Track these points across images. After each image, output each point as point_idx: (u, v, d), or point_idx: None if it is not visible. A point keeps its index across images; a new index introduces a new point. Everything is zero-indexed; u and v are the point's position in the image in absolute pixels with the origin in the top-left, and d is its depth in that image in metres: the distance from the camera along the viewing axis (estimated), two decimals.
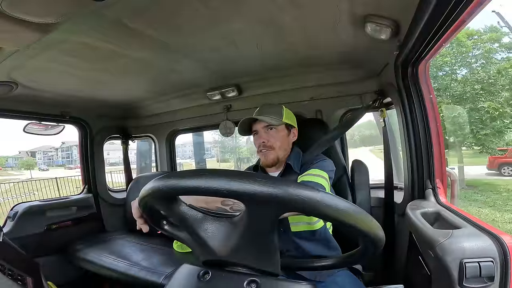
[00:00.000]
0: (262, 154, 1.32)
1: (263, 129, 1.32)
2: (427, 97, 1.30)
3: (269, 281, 0.57)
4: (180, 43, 1.37)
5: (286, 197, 0.46)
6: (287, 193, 0.46)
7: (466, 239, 0.81)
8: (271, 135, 1.31)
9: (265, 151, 1.30)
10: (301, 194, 0.46)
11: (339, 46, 1.47)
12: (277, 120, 1.31)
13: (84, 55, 1.38)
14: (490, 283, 0.76)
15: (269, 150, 1.30)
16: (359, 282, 1.15)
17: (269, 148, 1.30)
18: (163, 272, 1.61)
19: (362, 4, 1.06)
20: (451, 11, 0.82)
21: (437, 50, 1.12)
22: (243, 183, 0.47)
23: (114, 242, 2.19)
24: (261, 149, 1.31)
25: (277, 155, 1.31)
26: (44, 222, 2.12)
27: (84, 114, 2.45)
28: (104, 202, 2.58)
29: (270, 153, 1.30)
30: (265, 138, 1.30)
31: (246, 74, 1.90)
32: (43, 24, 1.02)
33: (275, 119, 1.30)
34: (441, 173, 1.30)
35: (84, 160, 2.55)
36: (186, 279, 0.63)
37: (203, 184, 0.48)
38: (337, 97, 1.94)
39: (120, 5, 1.00)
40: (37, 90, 1.83)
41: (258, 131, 1.33)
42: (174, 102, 2.43)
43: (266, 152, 1.30)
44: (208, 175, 0.49)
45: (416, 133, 1.32)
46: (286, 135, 1.35)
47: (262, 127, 1.32)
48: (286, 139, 1.35)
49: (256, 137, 1.35)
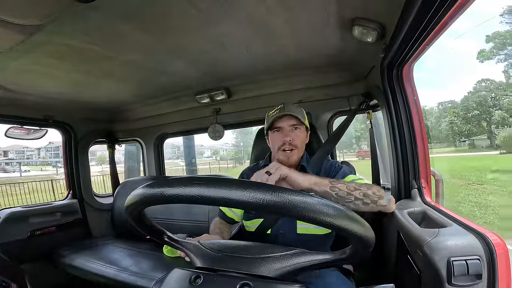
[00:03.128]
0: (284, 154, 1.25)
1: (290, 127, 1.25)
2: (412, 99, 1.33)
3: (261, 284, 0.57)
4: (169, 45, 1.36)
5: (280, 203, 0.46)
6: (280, 199, 0.46)
7: (452, 238, 0.83)
8: (296, 134, 1.25)
9: (289, 150, 1.24)
10: (288, 198, 0.46)
11: (328, 49, 1.49)
12: (304, 120, 1.27)
13: (68, 57, 1.36)
14: (478, 281, 0.77)
15: (293, 149, 1.24)
16: (349, 282, 1.16)
17: (294, 147, 1.24)
18: (153, 277, 1.58)
19: (350, 7, 1.08)
20: (434, 14, 0.84)
21: (421, 53, 1.15)
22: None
23: (102, 247, 2.14)
24: (285, 147, 1.24)
25: (299, 155, 1.28)
26: (27, 228, 2.07)
27: (68, 117, 2.39)
28: (90, 207, 2.53)
29: (295, 153, 1.25)
30: (291, 136, 1.24)
31: (235, 76, 1.90)
32: (26, 25, 1.00)
33: (302, 118, 1.25)
34: (426, 173, 1.33)
35: (68, 165, 2.49)
36: (178, 284, 0.62)
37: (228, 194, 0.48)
38: (325, 100, 1.96)
39: (107, 7, 0.98)
40: (20, 93, 1.78)
41: (283, 128, 1.25)
42: (162, 106, 2.40)
43: (291, 152, 1.24)
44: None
45: (401, 134, 1.35)
46: (305, 137, 1.32)
47: (289, 125, 1.25)
48: (304, 142, 1.31)
49: (279, 134, 1.26)
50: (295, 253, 0.69)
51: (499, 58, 16.24)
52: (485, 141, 17.34)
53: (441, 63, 56.31)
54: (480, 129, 17.43)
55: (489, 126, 16.97)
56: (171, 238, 0.76)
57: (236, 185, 0.47)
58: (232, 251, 0.72)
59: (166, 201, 0.51)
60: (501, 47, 15.98)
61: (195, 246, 0.74)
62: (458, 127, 18.35)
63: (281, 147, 1.25)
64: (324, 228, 1.09)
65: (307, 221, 0.49)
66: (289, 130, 1.26)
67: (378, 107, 1.66)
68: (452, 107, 19.62)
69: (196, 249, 0.74)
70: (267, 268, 0.64)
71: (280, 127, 1.26)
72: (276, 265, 0.65)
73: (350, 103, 1.88)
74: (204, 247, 0.73)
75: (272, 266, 0.65)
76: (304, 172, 1.27)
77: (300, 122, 1.25)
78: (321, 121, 1.99)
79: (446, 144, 19.93)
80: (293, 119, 1.25)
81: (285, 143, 1.24)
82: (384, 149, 1.65)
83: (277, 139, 1.27)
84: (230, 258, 0.69)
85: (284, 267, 0.65)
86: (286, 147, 1.24)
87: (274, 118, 1.25)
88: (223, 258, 0.69)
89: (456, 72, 55.29)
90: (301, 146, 1.28)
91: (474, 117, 17.30)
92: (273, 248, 0.72)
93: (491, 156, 14.51)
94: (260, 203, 0.46)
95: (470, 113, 17.39)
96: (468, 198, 8.22)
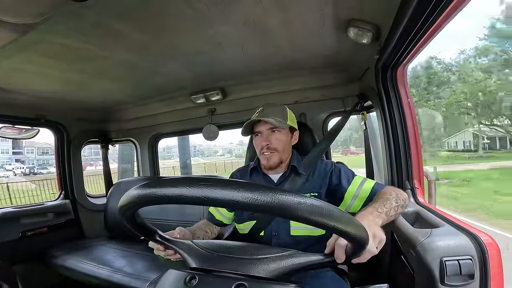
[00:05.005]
0: (264, 157, 1.26)
1: (267, 131, 1.25)
2: (405, 100, 1.34)
3: (257, 284, 0.57)
4: (164, 45, 1.35)
5: (272, 203, 0.46)
6: (271, 199, 0.46)
7: (445, 238, 0.84)
8: (275, 137, 1.25)
9: (268, 153, 1.25)
10: (280, 199, 0.46)
11: (323, 50, 1.50)
12: (282, 123, 1.24)
13: (62, 56, 1.34)
14: (471, 280, 0.78)
15: (272, 152, 1.25)
16: (344, 282, 1.16)
17: (272, 150, 1.25)
18: (148, 278, 1.57)
19: (346, 9, 1.09)
20: (428, 16, 0.86)
21: (415, 55, 1.16)
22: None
23: (95, 248, 2.12)
24: (264, 151, 1.25)
25: (280, 157, 1.27)
26: (19, 229, 2.04)
27: (61, 117, 2.36)
28: (83, 208, 2.50)
29: (274, 156, 1.25)
30: (268, 140, 1.24)
31: (231, 77, 1.89)
32: (19, 24, 0.99)
33: (280, 121, 1.24)
34: (419, 174, 1.35)
35: (60, 165, 2.46)
36: (173, 285, 0.62)
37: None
38: (320, 101, 1.97)
39: (102, 6, 0.97)
40: (12, 92, 1.75)
41: (261, 132, 1.26)
42: (157, 105, 2.39)
43: (270, 155, 1.25)
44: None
45: (395, 135, 1.36)
46: (289, 138, 1.31)
47: (266, 129, 1.25)
48: (289, 142, 1.31)
49: (259, 138, 1.28)
50: (290, 254, 0.69)
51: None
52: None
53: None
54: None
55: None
56: (164, 238, 0.76)
57: (231, 186, 0.47)
58: (226, 251, 0.72)
59: (160, 201, 0.51)
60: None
61: (189, 246, 0.74)
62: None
63: (260, 151, 1.27)
64: (318, 229, 1.10)
65: (301, 221, 0.49)
66: (268, 134, 1.26)
67: (372, 108, 1.67)
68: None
69: (190, 249, 0.73)
70: (262, 269, 0.65)
71: (259, 131, 1.27)
72: (271, 266, 0.66)
73: (345, 104, 1.89)
74: (199, 247, 0.73)
75: (267, 267, 0.65)
76: (296, 173, 1.28)
77: (279, 126, 1.24)
78: (316, 122, 2.00)
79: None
80: (270, 124, 1.24)
81: (263, 147, 1.25)
82: (378, 150, 1.66)
83: (258, 143, 1.29)
84: (225, 259, 0.69)
85: (279, 268, 0.65)
86: (265, 151, 1.25)
87: (252, 122, 1.26)
88: (217, 259, 0.69)
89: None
90: (283, 148, 1.27)
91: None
92: (268, 249, 0.72)
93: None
94: (254, 204, 0.46)
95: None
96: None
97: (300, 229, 1.20)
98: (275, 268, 0.65)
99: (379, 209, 0.93)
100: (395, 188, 1.12)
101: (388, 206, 0.96)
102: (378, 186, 1.17)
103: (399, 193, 1.06)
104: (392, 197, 1.01)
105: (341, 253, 0.67)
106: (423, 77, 14.61)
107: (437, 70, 14.52)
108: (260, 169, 1.36)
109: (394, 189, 1.11)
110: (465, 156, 14.10)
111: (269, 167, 1.29)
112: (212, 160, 23.22)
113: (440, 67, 14.49)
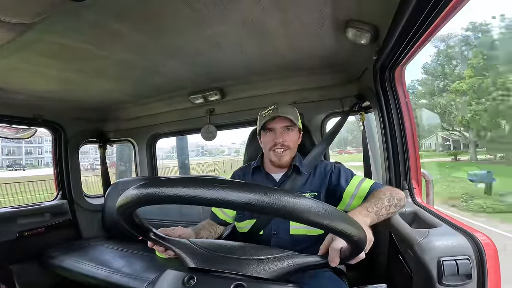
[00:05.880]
0: (276, 154, 1.26)
1: (282, 128, 1.26)
2: (403, 101, 1.35)
3: (255, 284, 0.57)
4: (163, 44, 1.35)
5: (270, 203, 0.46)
6: (272, 199, 0.46)
7: (442, 238, 0.85)
8: (289, 135, 1.26)
9: (281, 151, 1.25)
10: (282, 200, 0.46)
11: (322, 51, 1.50)
12: (297, 122, 1.27)
13: (60, 56, 1.34)
14: (468, 280, 0.79)
15: (285, 150, 1.25)
16: (342, 283, 1.17)
17: (286, 148, 1.25)
18: (146, 279, 1.57)
19: (344, 9, 1.09)
20: (426, 17, 0.86)
21: (413, 55, 1.17)
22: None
23: (92, 248, 2.11)
24: (277, 148, 1.25)
25: (291, 156, 1.28)
26: (16, 229, 2.03)
27: (58, 117, 2.35)
28: (80, 208, 2.49)
29: (287, 154, 1.26)
30: (283, 137, 1.25)
31: (229, 77, 1.89)
32: (17, 24, 0.98)
33: (295, 120, 1.26)
34: (417, 174, 1.35)
35: (57, 165, 2.45)
36: (171, 285, 0.62)
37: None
38: (319, 101, 1.98)
39: (100, 5, 0.97)
40: (9, 92, 1.74)
41: (275, 129, 1.26)
42: (155, 105, 2.38)
43: (283, 153, 1.25)
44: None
45: (392, 136, 1.37)
46: (298, 138, 1.33)
47: (281, 126, 1.26)
48: (297, 142, 1.32)
49: (271, 135, 1.27)
50: (288, 255, 0.69)
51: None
52: None
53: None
54: None
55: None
56: (162, 237, 0.75)
57: (229, 186, 0.47)
58: (225, 251, 0.72)
59: (159, 201, 0.51)
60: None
61: (186, 245, 0.74)
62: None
63: (272, 147, 1.26)
64: (316, 229, 1.10)
65: (300, 222, 0.49)
66: (282, 131, 1.26)
67: (370, 108, 1.68)
68: None
69: (188, 248, 0.73)
70: (261, 269, 0.65)
71: (273, 128, 1.27)
72: (270, 266, 0.66)
73: (343, 105, 1.89)
74: (197, 247, 0.73)
75: (266, 267, 0.65)
76: (297, 173, 1.29)
77: (293, 123, 1.26)
78: (314, 122, 2.00)
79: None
80: (286, 121, 1.25)
81: (277, 144, 1.25)
82: (376, 150, 1.66)
83: (269, 139, 1.27)
84: (223, 259, 0.69)
85: (278, 269, 0.65)
86: (278, 148, 1.25)
87: (267, 119, 1.25)
88: (216, 259, 0.69)
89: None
90: (293, 147, 1.29)
91: None
92: (267, 250, 0.72)
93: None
94: (252, 204, 0.46)
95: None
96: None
97: (300, 228, 1.20)
98: (274, 268, 0.65)
99: (369, 208, 0.95)
100: (392, 188, 1.13)
101: (380, 205, 0.98)
102: (376, 185, 1.18)
103: (394, 192, 1.07)
104: (386, 196, 1.03)
105: (336, 256, 0.69)
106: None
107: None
108: (262, 168, 1.36)
109: (390, 189, 1.12)
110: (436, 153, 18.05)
111: (279, 165, 1.29)
112: (219, 159, 24.34)
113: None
